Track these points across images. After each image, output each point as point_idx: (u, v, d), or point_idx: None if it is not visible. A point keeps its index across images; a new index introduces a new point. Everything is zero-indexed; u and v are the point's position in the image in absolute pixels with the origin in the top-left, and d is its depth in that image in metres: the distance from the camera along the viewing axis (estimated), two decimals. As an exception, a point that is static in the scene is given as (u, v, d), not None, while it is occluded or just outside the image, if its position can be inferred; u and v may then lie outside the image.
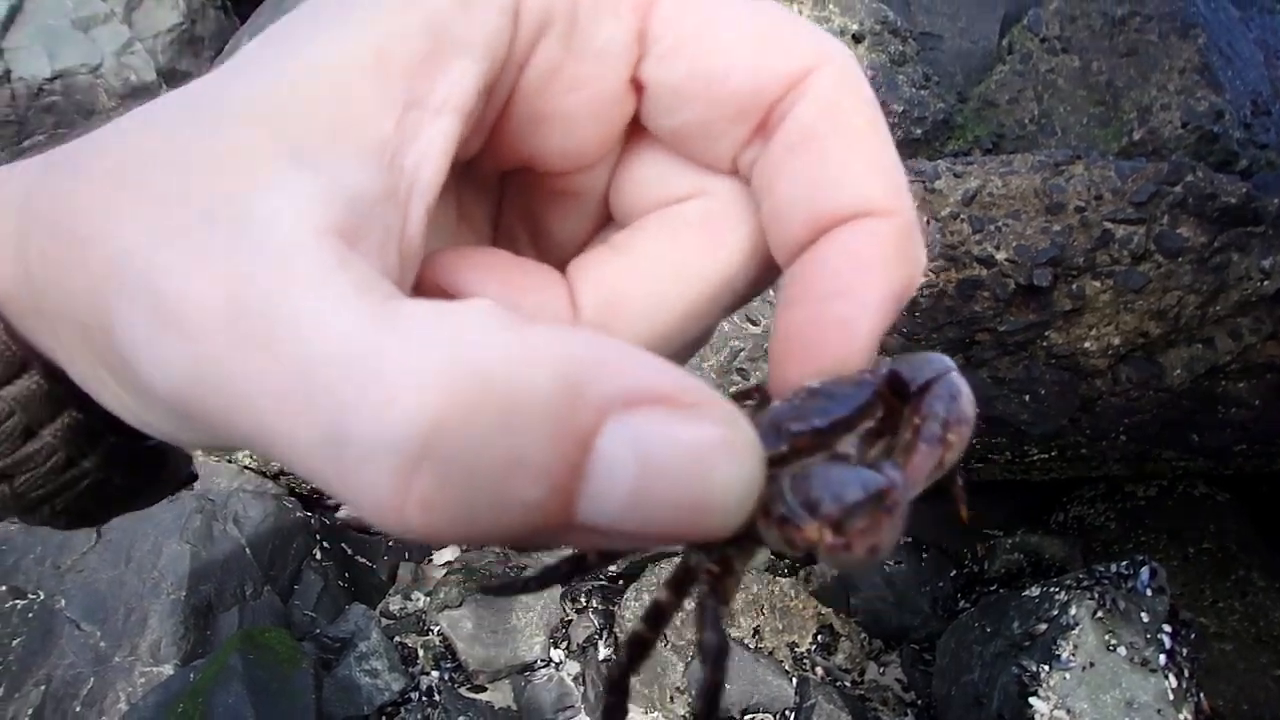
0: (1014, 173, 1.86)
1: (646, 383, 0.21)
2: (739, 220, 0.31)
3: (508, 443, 0.20)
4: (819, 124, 0.28)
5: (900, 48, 2.16)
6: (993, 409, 1.89)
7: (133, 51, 2.92)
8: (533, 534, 0.21)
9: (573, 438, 0.20)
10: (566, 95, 0.30)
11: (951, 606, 2.12)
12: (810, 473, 0.24)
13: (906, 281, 0.29)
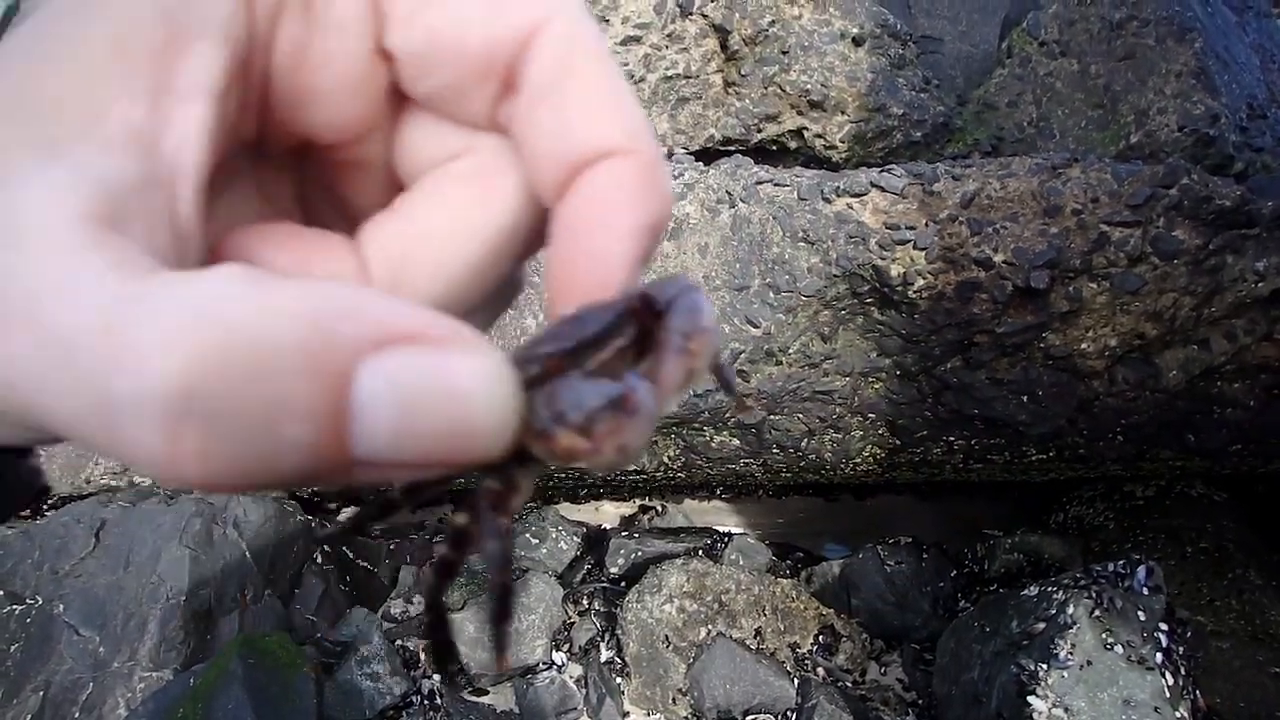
0: (1012, 175, 1.90)
1: (395, 323, 0.23)
2: (507, 172, 0.34)
3: (265, 388, 0.21)
4: (553, 75, 0.30)
5: (900, 51, 2.21)
6: (991, 410, 1.94)
7: None
8: (318, 473, 0.23)
9: (329, 379, 0.22)
10: (317, 71, 0.31)
11: (952, 606, 2.17)
12: (557, 387, 0.26)
13: (654, 214, 0.31)
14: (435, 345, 0.24)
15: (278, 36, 0.30)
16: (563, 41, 0.30)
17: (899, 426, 2.03)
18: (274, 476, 0.23)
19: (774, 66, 2.14)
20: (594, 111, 0.30)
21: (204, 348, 0.21)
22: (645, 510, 2.61)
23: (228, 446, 0.22)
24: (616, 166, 0.30)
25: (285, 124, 0.33)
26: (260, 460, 0.22)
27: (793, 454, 2.08)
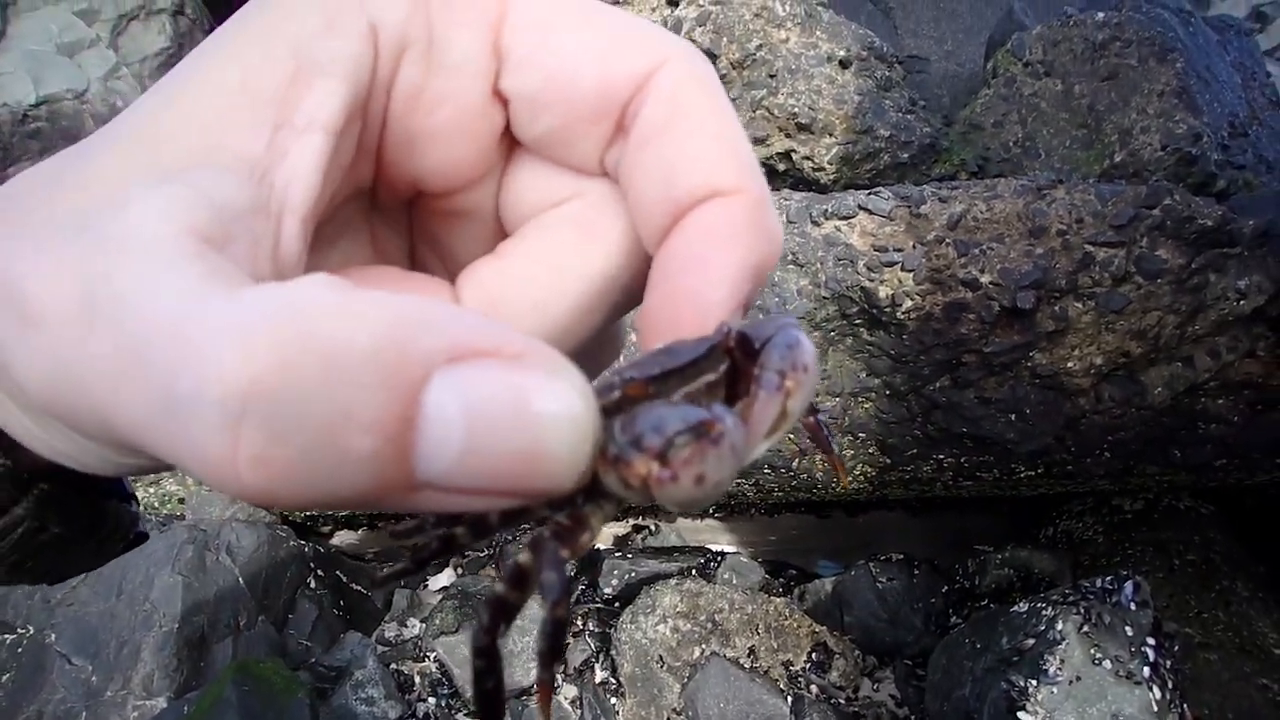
0: (998, 197, 1.97)
1: (471, 337, 0.23)
2: (613, 218, 0.34)
3: (333, 395, 0.21)
4: (666, 117, 0.30)
5: (887, 73, 2.28)
6: (980, 428, 2.00)
7: (119, 76, 2.95)
8: (377, 493, 0.22)
9: (399, 390, 0.21)
10: (433, 112, 0.32)
11: (944, 622, 2.22)
12: (638, 413, 0.25)
13: (760, 252, 0.30)
14: (513, 361, 0.23)
15: (399, 77, 0.31)
16: (676, 83, 0.31)
17: (889, 445, 2.09)
18: (332, 492, 0.22)
19: (762, 90, 2.20)
20: (702, 152, 0.30)
21: (277, 349, 0.21)
22: (638, 529, 2.65)
23: (287, 453, 0.21)
24: (722, 205, 0.30)
25: (399, 169, 0.34)
26: (320, 472, 0.22)
27: (784, 474, 2.14)
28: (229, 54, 0.29)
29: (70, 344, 0.23)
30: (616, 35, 0.31)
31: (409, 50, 0.30)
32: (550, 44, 0.31)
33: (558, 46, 0.31)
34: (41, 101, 2.80)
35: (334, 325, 0.21)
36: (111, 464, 0.29)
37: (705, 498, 0.25)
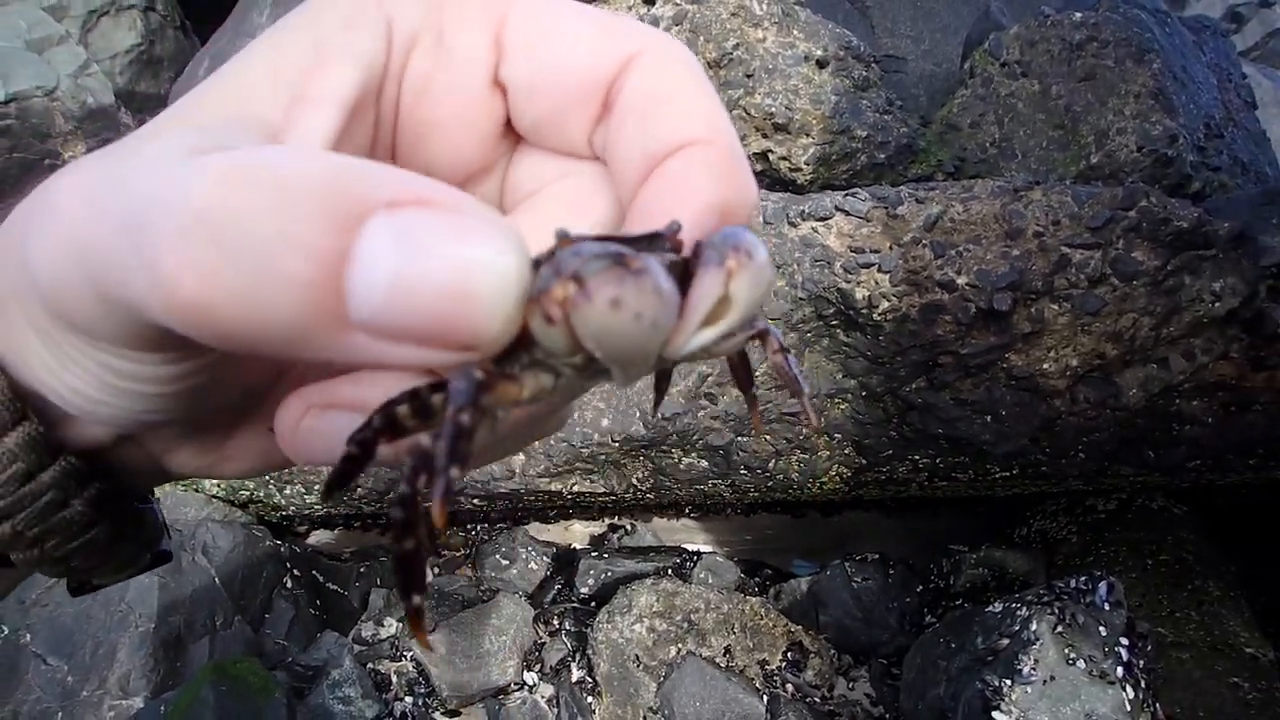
0: (974, 198, 1.90)
1: (414, 189, 0.23)
2: (600, 194, 0.34)
3: (277, 218, 0.22)
4: (647, 89, 0.31)
5: (864, 73, 2.20)
6: (955, 430, 1.93)
7: (90, 73, 2.85)
8: (310, 325, 0.23)
9: (338, 221, 0.22)
10: (440, 102, 0.33)
11: (918, 621, 2.16)
12: (562, 252, 0.25)
13: (725, 195, 0.30)
14: (450, 209, 0.23)
15: (409, 68, 0.33)
16: (658, 61, 0.32)
17: (865, 446, 2.02)
18: (267, 318, 0.23)
19: (739, 90, 2.13)
20: (678, 113, 0.31)
21: (231, 175, 0.22)
22: (615, 529, 2.58)
23: (229, 269, 0.22)
24: (690, 151, 0.30)
25: (411, 161, 0.35)
26: (257, 291, 0.22)
27: (760, 474, 2.07)
28: (266, 47, 0.31)
29: (79, 222, 0.25)
30: (605, 25, 0.32)
31: (419, 43, 0.33)
32: (545, 34, 0.32)
33: (551, 35, 0.32)
34: (10, 99, 2.70)
35: (288, 163, 0.23)
36: (109, 386, 0.30)
37: (626, 335, 0.23)
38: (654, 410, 0.42)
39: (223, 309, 0.23)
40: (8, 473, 0.33)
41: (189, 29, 3.30)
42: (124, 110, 2.91)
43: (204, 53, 2.88)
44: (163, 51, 3.12)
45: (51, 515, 0.35)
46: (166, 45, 3.13)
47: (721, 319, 0.26)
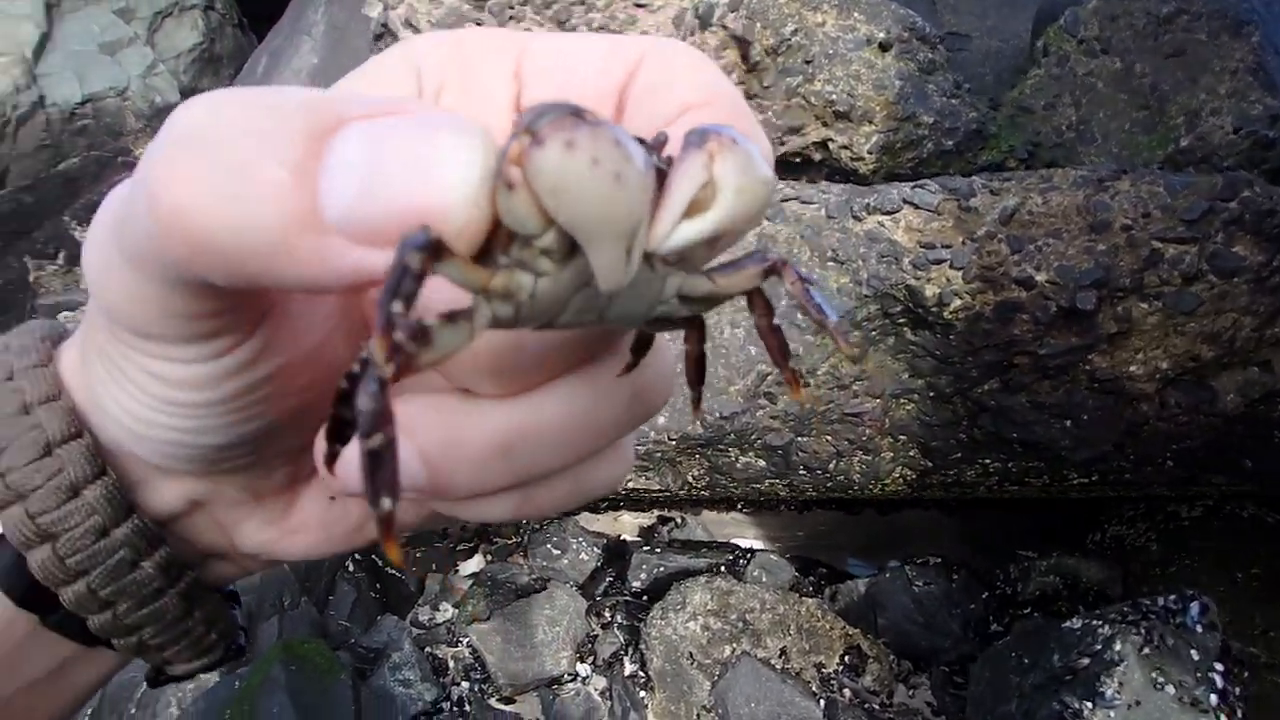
0: (1054, 189, 1.64)
1: (387, 104, 0.24)
2: None
3: (259, 129, 0.23)
4: (650, 80, 0.31)
5: (929, 55, 1.94)
6: (1031, 434, 1.69)
7: (157, 73, 2.81)
8: (287, 231, 0.23)
9: (314, 131, 0.23)
10: None
11: (983, 629, 1.94)
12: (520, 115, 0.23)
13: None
14: (417, 113, 0.24)
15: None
16: (666, 58, 0.31)
17: (932, 449, 1.79)
18: (247, 226, 0.23)
19: (797, 77, 1.88)
20: (676, 89, 0.31)
21: (221, 98, 0.24)
22: (664, 521, 2.40)
23: (212, 175, 0.22)
24: (695, 114, 0.30)
25: None
26: (236, 197, 0.22)
27: (820, 475, 1.86)
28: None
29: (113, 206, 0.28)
30: (613, 41, 0.33)
31: (447, 87, 0.33)
32: (558, 58, 0.33)
33: (564, 58, 0.33)
34: (86, 100, 2.67)
35: (273, 90, 0.24)
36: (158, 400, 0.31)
37: (585, 184, 0.22)
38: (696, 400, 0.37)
39: (205, 215, 0.23)
40: (85, 525, 0.34)
41: (246, 26, 3.26)
42: None
43: (261, 50, 2.78)
44: (222, 49, 3.07)
45: (123, 575, 0.35)
46: (226, 43, 3.08)
47: (709, 208, 0.24)
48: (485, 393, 0.31)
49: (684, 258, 0.26)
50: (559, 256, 0.25)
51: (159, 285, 0.27)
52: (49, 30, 2.68)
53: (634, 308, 0.28)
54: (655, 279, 0.27)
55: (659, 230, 0.24)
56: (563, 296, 0.26)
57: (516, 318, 0.26)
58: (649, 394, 0.34)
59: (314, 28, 2.49)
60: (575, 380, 0.32)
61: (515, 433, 0.30)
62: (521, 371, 0.30)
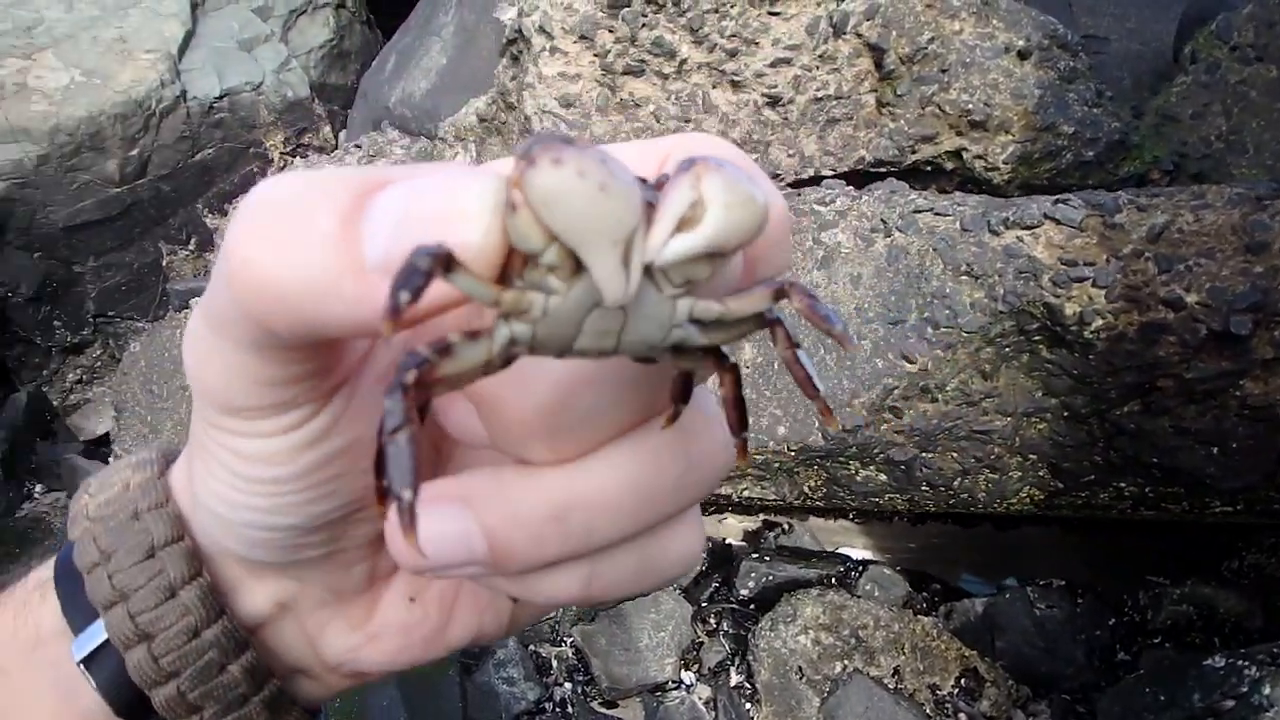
0: (1207, 206, 1.61)
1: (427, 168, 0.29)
2: None
3: (316, 192, 0.27)
4: (676, 156, 0.31)
5: (1071, 63, 1.91)
6: (1173, 460, 1.66)
7: (289, 69, 2.96)
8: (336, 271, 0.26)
9: (360, 190, 0.27)
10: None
11: (1109, 657, 1.91)
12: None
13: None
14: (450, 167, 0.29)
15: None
16: (687, 142, 0.32)
17: (1063, 470, 1.77)
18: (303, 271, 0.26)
19: (933, 85, 1.88)
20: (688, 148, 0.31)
21: (288, 175, 0.28)
22: (770, 526, 2.42)
23: (275, 230, 0.27)
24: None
25: None
26: (294, 245, 0.26)
27: (943, 492, 1.86)
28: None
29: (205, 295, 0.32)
30: (649, 141, 0.33)
31: None
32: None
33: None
34: (224, 94, 2.85)
35: (332, 169, 0.30)
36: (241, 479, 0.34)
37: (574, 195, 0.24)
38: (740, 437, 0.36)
39: (268, 263, 0.26)
40: (179, 625, 0.36)
41: (373, 23, 3.38)
42: (317, 101, 3.00)
43: (390, 48, 2.90)
44: (350, 45, 3.21)
45: (211, 678, 0.37)
46: (354, 39, 3.22)
47: (700, 223, 0.27)
48: (539, 460, 0.32)
49: (689, 279, 0.28)
50: (565, 274, 0.27)
51: (239, 350, 0.30)
52: (193, 28, 2.87)
53: (648, 331, 0.29)
54: (664, 301, 0.29)
55: (654, 241, 0.27)
56: (574, 316, 0.28)
57: (534, 339, 0.28)
58: (705, 460, 0.34)
59: (444, 29, 2.59)
60: (627, 444, 0.32)
61: (569, 498, 0.31)
62: (572, 434, 0.32)
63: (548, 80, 2.11)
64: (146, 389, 2.66)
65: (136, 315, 2.90)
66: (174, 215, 2.88)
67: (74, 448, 2.92)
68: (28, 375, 2.90)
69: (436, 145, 2.45)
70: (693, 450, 0.34)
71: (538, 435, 0.31)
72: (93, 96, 2.75)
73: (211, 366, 0.32)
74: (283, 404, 0.32)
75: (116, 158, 2.75)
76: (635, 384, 0.32)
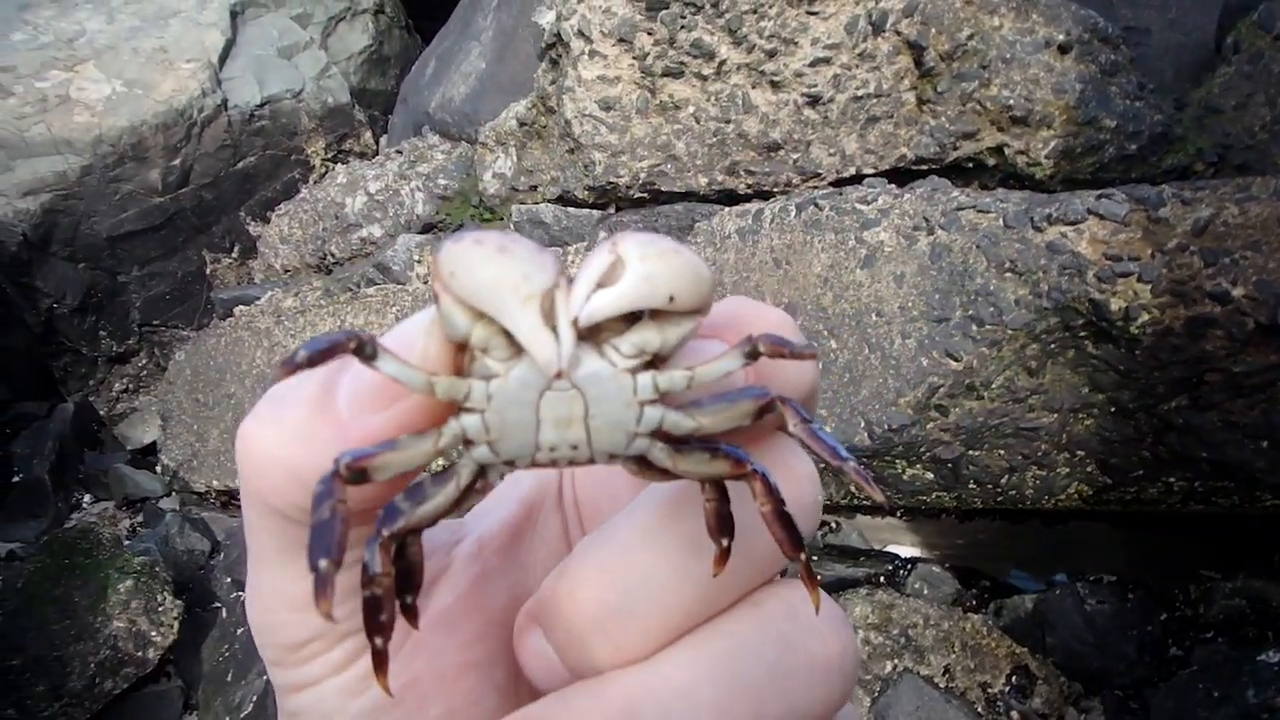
0: (1252, 199, 1.67)
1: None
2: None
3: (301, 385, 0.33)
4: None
5: (1112, 56, 1.97)
6: (1222, 454, 1.72)
7: (329, 75, 3.05)
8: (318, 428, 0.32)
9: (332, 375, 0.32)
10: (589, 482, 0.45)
11: (1161, 653, 1.97)
12: None
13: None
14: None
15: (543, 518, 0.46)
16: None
17: (1111, 465, 1.84)
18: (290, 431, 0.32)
19: (973, 82, 1.95)
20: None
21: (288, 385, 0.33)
22: (818, 525, 2.49)
23: (269, 410, 0.33)
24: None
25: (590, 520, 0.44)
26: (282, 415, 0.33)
27: (990, 489, 1.93)
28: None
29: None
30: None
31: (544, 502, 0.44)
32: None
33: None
34: (265, 102, 2.95)
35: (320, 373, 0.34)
36: None
37: (488, 262, 0.27)
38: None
39: (260, 433, 0.32)
40: None
41: (412, 28, 3.48)
42: (357, 107, 3.09)
43: (429, 53, 2.99)
44: (390, 51, 3.31)
45: None
46: (393, 44, 3.32)
47: (618, 280, 0.28)
48: (607, 664, 0.32)
49: (640, 349, 0.29)
50: (503, 354, 0.29)
51: (271, 561, 0.35)
52: (233, 36, 3.00)
53: (615, 413, 0.29)
54: (619, 375, 0.29)
55: (575, 298, 0.27)
56: (523, 397, 0.29)
57: (491, 436, 0.30)
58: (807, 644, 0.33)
59: (483, 33, 2.68)
60: (698, 638, 0.32)
61: (636, 699, 0.30)
62: (635, 623, 0.31)
63: (587, 83, 2.20)
64: (192, 397, 2.79)
65: (181, 324, 3.04)
66: (217, 223, 3.02)
67: (121, 457, 3.06)
68: (74, 385, 3.04)
69: (477, 150, 2.56)
70: (786, 631, 0.32)
71: (599, 628, 0.31)
72: (134, 107, 2.88)
73: (258, 601, 0.36)
74: (324, 634, 0.36)
75: (159, 167, 2.89)
76: (695, 547, 0.31)
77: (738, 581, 0.33)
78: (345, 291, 2.48)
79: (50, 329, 2.94)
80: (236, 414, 2.61)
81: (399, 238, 2.52)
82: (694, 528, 0.32)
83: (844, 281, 1.90)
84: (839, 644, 0.33)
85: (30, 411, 2.99)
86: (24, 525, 2.89)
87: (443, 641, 0.38)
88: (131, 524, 2.91)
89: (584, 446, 0.30)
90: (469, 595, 0.40)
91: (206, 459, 2.69)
